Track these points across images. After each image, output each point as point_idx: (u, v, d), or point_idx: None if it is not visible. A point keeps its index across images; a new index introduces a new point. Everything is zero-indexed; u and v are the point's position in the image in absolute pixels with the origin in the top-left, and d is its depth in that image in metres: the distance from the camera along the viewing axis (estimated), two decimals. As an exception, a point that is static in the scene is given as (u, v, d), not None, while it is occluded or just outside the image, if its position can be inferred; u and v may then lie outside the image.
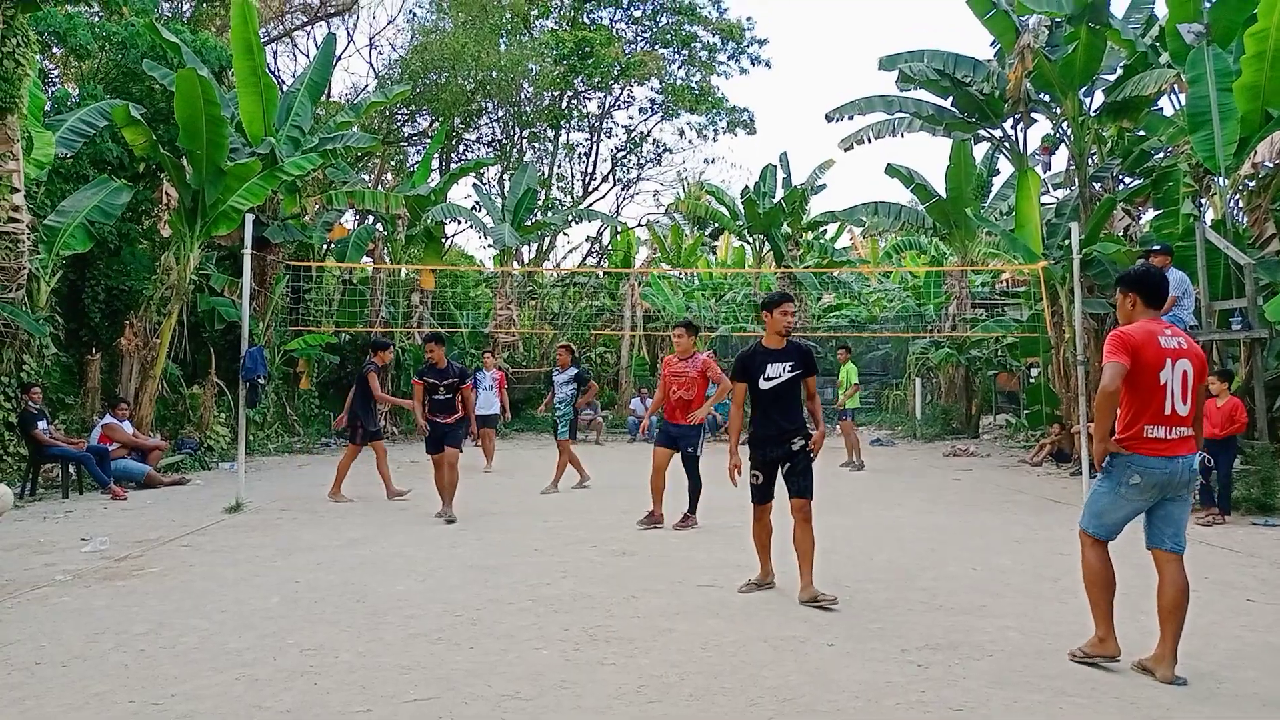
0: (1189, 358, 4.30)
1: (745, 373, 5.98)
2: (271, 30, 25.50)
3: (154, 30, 14.87)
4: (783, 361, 5.94)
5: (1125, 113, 14.30)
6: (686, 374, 8.45)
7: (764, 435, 5.94)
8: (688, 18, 31.12)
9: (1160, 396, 4.25)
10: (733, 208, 25.79)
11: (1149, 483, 4.30)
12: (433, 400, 9.20)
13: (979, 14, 15.30)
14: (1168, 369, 4.25)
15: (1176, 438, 4.28)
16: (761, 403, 5.93)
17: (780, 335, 6.00)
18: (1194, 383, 4.30)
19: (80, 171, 14.33)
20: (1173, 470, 4.27)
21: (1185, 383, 4.27)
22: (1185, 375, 4.28)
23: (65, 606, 5.75)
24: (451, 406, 9.25)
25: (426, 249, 21.53)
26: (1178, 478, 4.29)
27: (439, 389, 9.19)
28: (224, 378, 15.28)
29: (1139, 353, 4.25)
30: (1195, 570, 6.50)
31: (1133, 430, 4.30)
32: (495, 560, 7.08)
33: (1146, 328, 4.34)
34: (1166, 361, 4.26)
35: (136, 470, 11.71)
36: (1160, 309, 4.47)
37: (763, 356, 5.96)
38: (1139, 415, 4.29)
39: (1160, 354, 4.26)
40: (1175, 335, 4.35)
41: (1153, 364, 4.25)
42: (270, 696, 4.14)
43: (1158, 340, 4.28)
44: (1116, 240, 13.69)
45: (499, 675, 4.40)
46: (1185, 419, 4.29)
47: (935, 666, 4.48)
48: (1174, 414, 4.27)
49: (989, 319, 19.43)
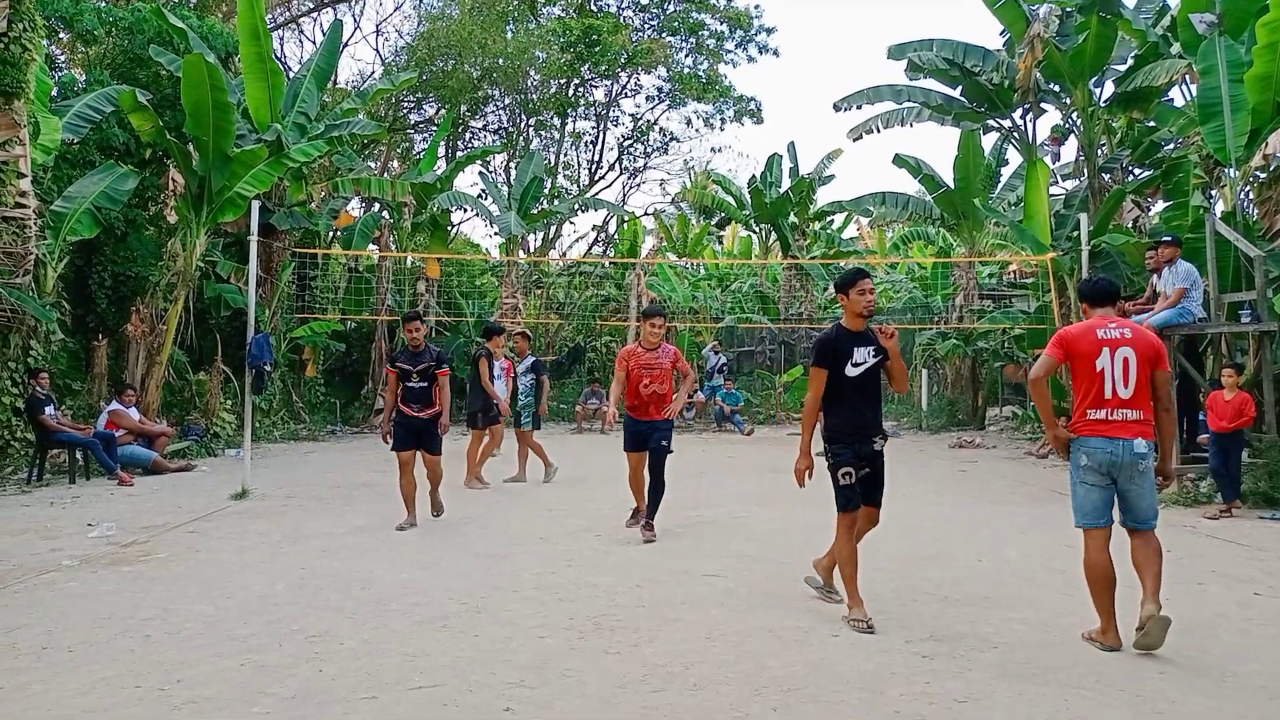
0: (1131, 345, 4.61)
1: (831, 358, 5.26)
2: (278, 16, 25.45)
3: (161, 16, 14.84)
4: (867, 345, 5.31)
5: (1135, 103, 14.23)
6: (659, 365, 7.59)
7: (854, 428, 5.27)
8: (695, 5, 30.98)
9: (1099, 382, 4.61)
10: (739, 197, 25.72)
11: (1094, 462, 4.62)
12: (405, 389, 8.11)
13: (989, 3, 15.21)
14: (1104, 356, 4.61)
15: (1119, 419, 4.59)
16: (846, 391, 5.26)
17: (860, 316, 5.33)
18: (1139, 368, 4.58)
19: (87, 157, 14.34)
20: (1114, 450, 4.56)
21: (1126, 368, 4.58)
22: (1126, 361, 4.59)
23: (72, 591, 5.78)
24: (426, 398, 8.10)
25: (432, 237, 21.52)
26: (1120, 458, 4.56)
27: (412, 375, 8.08)
28: (230, 364, 15.30)
29: (1073, 345, 4.70)
30: (1203, 563, 6.52)
31: (1078, 415, 4.71)
32: (500, 549, 7.09)
33: (1086, 324, 4.79)
34: (1104, 350, 4.62)
35: (143, 456, 11.74)
36: (1109, 307, 4.84)
37: (848, 340, 5.30)
38: (1082, 401, 4.69)
39: (1096, 344, 4.64)
40: (1120, 327, 4.69)
41: (1088, 353, 4.64)
42: (275, 682, 4.15)
43: (1095, 333, 4.68)
44: (1125, 232, 13.62)
45: (503, 663, 4.41)
46: (1128, 402, 4.58)
47: (940, 658, 4.48)
48: (1114, 397, 4.59)
49: (996, 310, 19.36)
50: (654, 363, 7.59)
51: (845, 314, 5.43)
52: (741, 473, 11.98)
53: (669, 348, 7.73)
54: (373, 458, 13.70)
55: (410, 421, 8.13)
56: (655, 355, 7.61)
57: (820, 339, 5.41)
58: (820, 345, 5.36)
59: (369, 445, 15.73)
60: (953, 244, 23.03)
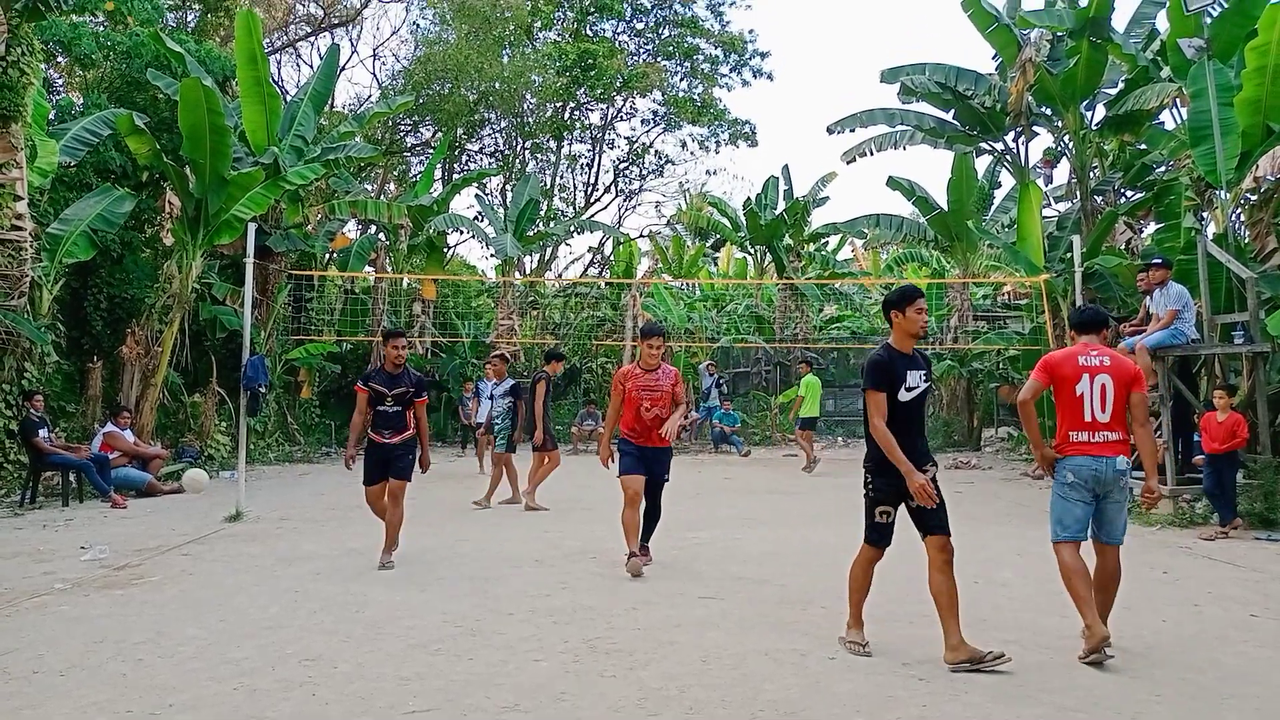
0: (1109, 373, 4.96)
1: (888, 381, 4.86)
2: (275, 41, 25.60)
3: (158, 40, 14.93)
4: (918, 369, 4.97)
5: (1127, 126, 14.34)
6: (660, 388, 7.08)
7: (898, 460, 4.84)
8: (690, 30, 31.23)
9: (1079, 406, 4.96)
10: (735, 219, 25.81)
11: (1080, 479, 4.95)
12: (376, 413, 7.41)
13: (981, 28, 15.36)
14: (1084, 382, 4.96)
15: (1100, 440, 4.93)
16: (897, 418, 4.87)
17: (913, 337, 4.99)
18: (1115, 393, 4.94)
19: (84, 180, 14.38)
20: (1098, 468, 4.91)
21: (1104, 394, 4.94)
22: (1104, 387, 4.94)
23: (64, 615, 5.74)
24: (399, 423, 7.41)
25: (429, 259, 21.56)
26: (1104, 475, 4.91)
27: (386, 399, 7.38)
28: (225, 386, 15.29)
29: (1056, 370, 5.04)
30: (1199, 585, 6.51)
31: (1061, 436, 5.05)
32: (495, 571, 7.06)
33: (1069, 350, 5.16)
34: (1083, 376, 4.96)
35: (137, 479, 11.71)
36: (1094, 335, 5.17)
37: (901, 363, 4.93)
38: (1064, 423, 5.03)
39: (1077, 370, 4.99)
40: (1100, 355, 5.03)
41: (1069, 378, 4.99)
42: (269, 707, 4.12)
43: (1077, 359, 5.02)
44: (1118, 253, 13.71)
45: (498, 687, 4.38)
46: (1107, 424, 4.93)
47: (937, 680, 4.46)
48: (1094, 420, 4.94)
49: (991, 331, 19.42)
50: (654, 384, 7.09)
51: (896, 334, 5.03)
52: (738, 494, 11.96)
53: (669, 369, 7.24)
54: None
55: (380, 450, 7.40)
56: (655, 377, 7.12)
57: (873, 361, 4.94)
58: (874, 368, 4.90)
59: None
60: (947, 266, 23.14)
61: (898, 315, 4.99)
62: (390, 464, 7.40)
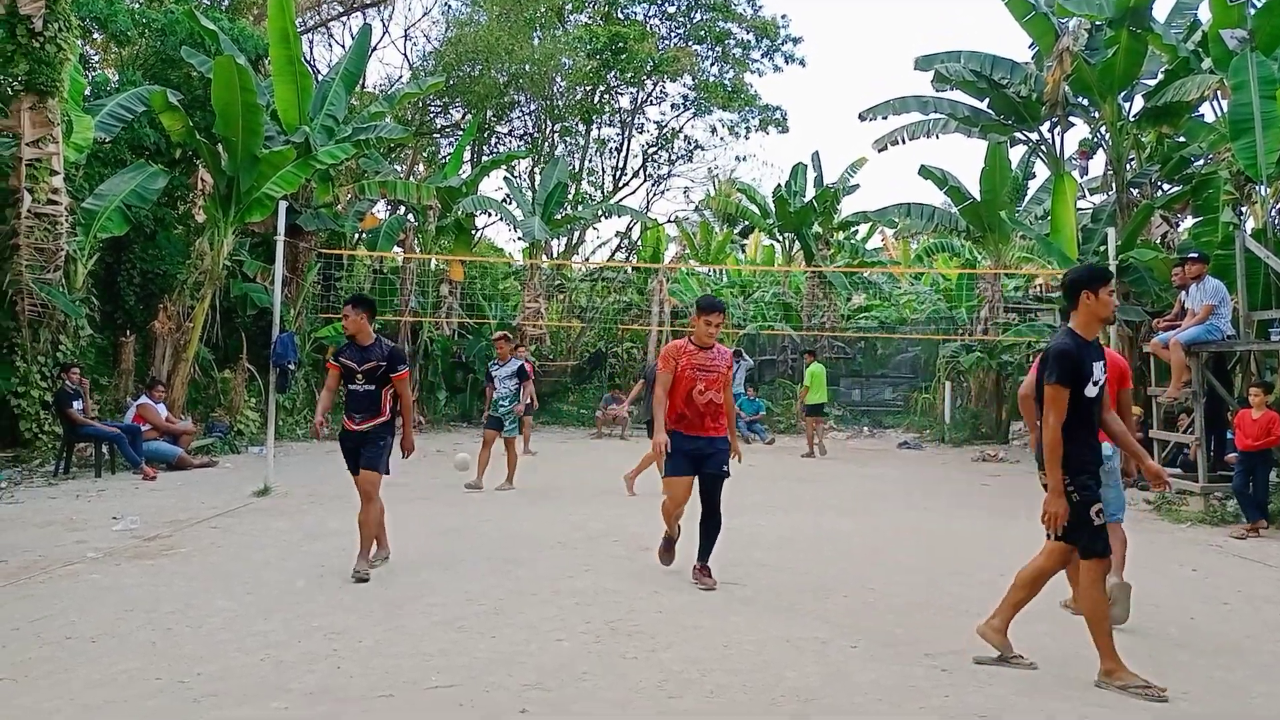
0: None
1: (1075, 374, 4.35)
2: (308, 20, 25.67)
3: (193, 18, 15.02)
4: (1100, 360, 4.47)
5: (1165, 118, 14.09)
6: (716, 369, 6.15)
7: (1090, 458, 4.43)
8: (722, 14, 30.95)
9: None
10: (764, 206, 25.69)
11: None
12: (348, 393, 6.38)
13: (1018, 16, 15.12)
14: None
15: None
16: (1082, 414, 4.37)
17: (1102, 324, 4.56)
18: (1109, 388, 4.90)
19: (118, 156, 14.52)
20: None
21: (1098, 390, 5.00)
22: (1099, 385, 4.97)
23: (96, 584, 5.84)
24: (372, 405, 6.30)
25: (456, 240, 21.62)
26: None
27: (356, 375, 6.31)
28: (255, 363, 15.42)
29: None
30: (1227, 584, 6.43)
31: None
32: (518, 553, 7.10)
33: None
34: None
35: (168, 452, 11.87)
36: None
37: (1086, 352, 4.39)
38: None
39: None
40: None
41: None
42: (294, 679, 4.17)
43: None
44: (1153, 247, 13.49)
45: (520, 665, 4.41)
46: None
47: (960, 672, 4.44)
48: None
49: (1021, 324, 19.21)
50: (709, 364, 6.14)
51: (1082, 318, 4.45)
52: (761, 481, 11.93)
53: (724, 350, 6.37)
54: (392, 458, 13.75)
55: (349, 438, 6.39)
56: (710, 356, 6.18)
57: (1060, 350, 4.35)
58: (1063, 358, 4.33)
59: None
60: (978, 256, 22.89)
61: (1089, 297, 4.43)
62: (360, 453, 6.35)
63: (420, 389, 20.03)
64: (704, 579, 6.03)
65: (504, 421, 10.70)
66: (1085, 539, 4.34)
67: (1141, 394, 13.58)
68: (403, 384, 6.44)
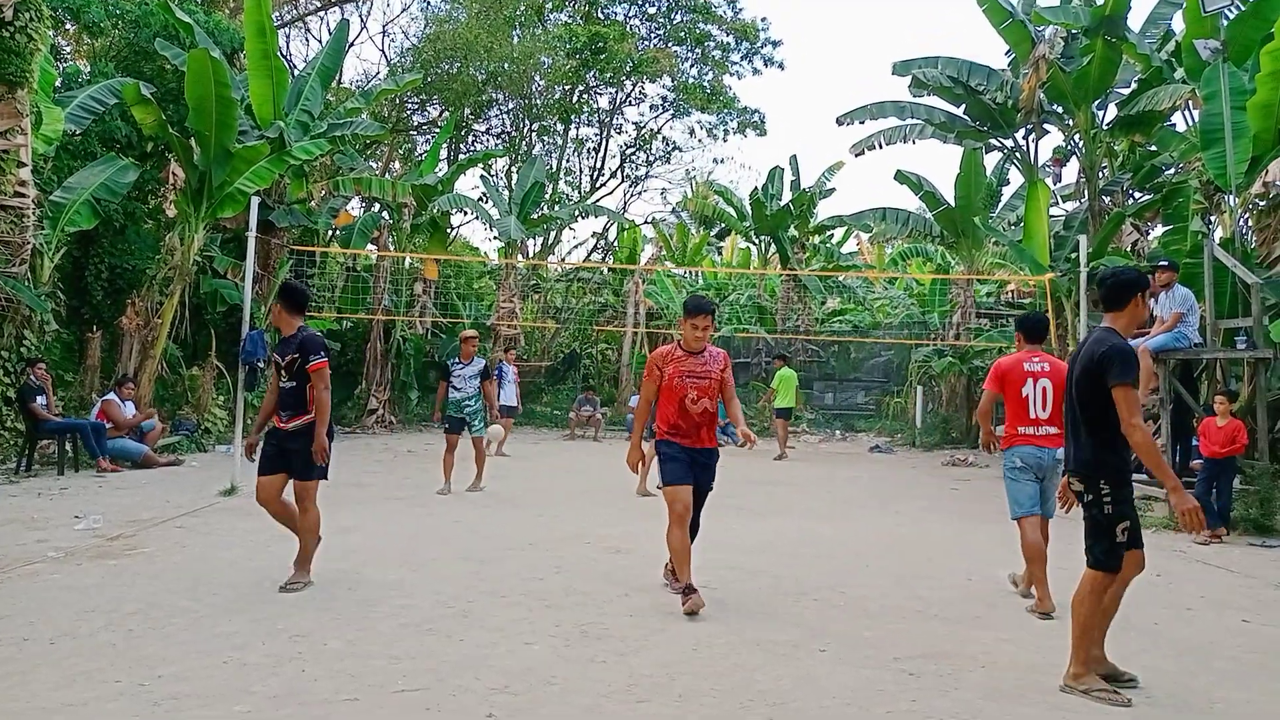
0: (1049, 377, 5.89)
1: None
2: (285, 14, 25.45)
3: (167, 10, 14.84)
4: None
5: (1138, 127, 14.27)
6: (708, 375, 5.77)
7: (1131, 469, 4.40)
8: (702, 16, 31.03)
9: (1025, 406, 5.90)
10: (740, 208, 25.74)
11: (1025, 463, 5.89)
12: (279, 390, 6.01)
13: (995, 22, 15.26)
14: (1029, 385, 5.90)
15: (1042, 434, 5.85)
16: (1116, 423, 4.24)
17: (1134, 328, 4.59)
18: (1054, 394, 5.82)
19: (88, 148, 14.32)
20: (1040, 456, 5.85)
21: (1045, 395, 5.88)
22: (1045, 390, 5.87)
23: (56, 584, 5.73)
24: (297, 403, 5.91)
25: (431, 238, 21.49)
26: (1044, 462, 5.85)
27: (281, 371, 5.96)
28: (224, 360, 15.26)
29: (1006, 375, 5.99)
30: (1192, 589, 6.50)
31: (1010, 429, 5.98)
32: (488, 553, 7.05)
33: (1017, 356, 6.05)
34: (1028, 380, 5.90)
35: (134, 450, 11.71)
36: (1038, 342, 6.10)
37: None
38: (1012, 419, 5.97)
39: (1024, 375, 5.93)
40: (1042, 361, 5.95)
41: (1017, 382, 5.93)
42: (257, 681, 4.11)
43: (1023, 365, 5.94)
44: (1124, 255, 13.66)
45: (488, 668, 4.37)
46: (1046, 421, 5.86)
47: (927, 676, 4.45)
48: (1036, 418, 5.89)
49: (993, 329, 19.38)
50: (701, 370, 5.75)
51: (1123, 321, 4.43)
52: (733, 484, 11.94)
53: (716, 351, 5.94)
54: (363, 458, 13.67)
55: (274, 437, 5.98)
56: (702, 360, 5.79)
57: (1125, 349, 4.22)
58: (1130, 357, 4.21)
59: (360, 445, 15.68)
60: (951, 262, 23.07)
61: (1139, 301, 4.42)
62: (288, 456, 5.91)
63: (392, 388, 19.89)
64: (694, 600, 5.48)
65: (470, 422, 10.45)
66: (1102, 553, 4.32)
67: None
68: (318, 375, 5.88)
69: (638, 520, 8.80)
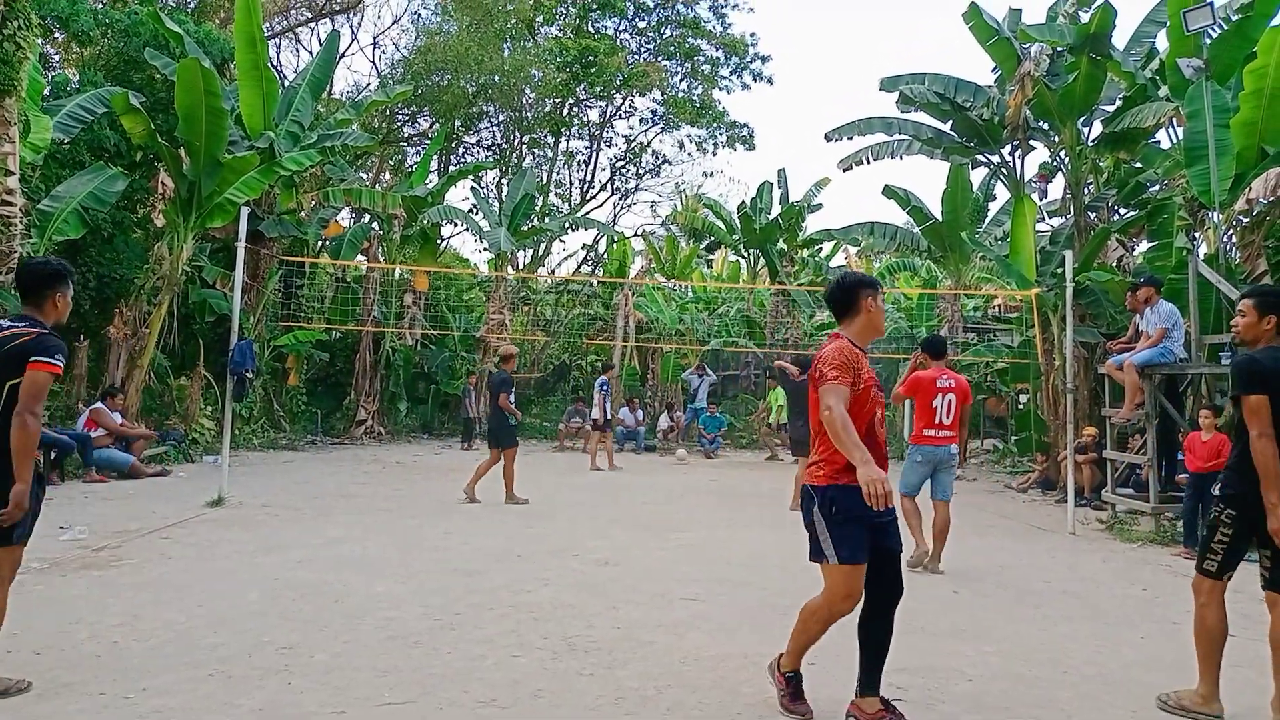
0: (953, 391, 7.47)
1: (1267, 383, 4.10)
2: (275, 25, 25.48)
3: (157, 19, 14.83)
4: None
5: (1123, 144, 14.38)
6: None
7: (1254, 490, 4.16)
8: (692, 31, 31.22)
9: (933, 414, 7.46)
10: (729, 222, 25.82)
11: (926, 459, 7.54)
12: None
13: (981, 40, 15.38)
14: (939, 399, 7.44)
15: (941, 436, 7.48)
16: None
17: None
18: (956, 405, 7.47)
19: (77, 157, 14.26)
20: (939, 453, 7.50)
21: (949, 406, 7.46)
22: (950, 402, 7.45)
23: (40, 595, 5.69)
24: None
25: (421, 250, 21.49)
26: (940, 456, 7.50)
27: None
28: (212, 370, 15.20)
29: (923, 386, 7.50)
30: (1177, 604, 6.52)
31: (918, 430, 7.58)
32: (477, 565, 7.04)
33: (932, 372, 7.53)
34: (939, 394, 7.45)
35: (121, 460, 11.64)
36: (942, 360, 7.65)
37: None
38: (920, 422, 7.55)
39: (935, 389, 7.45)
40: (949, 378, 7.51)
41: (929, 393, 7.46)
42: (243, 694, 4.09)
43: (936, 381, 7.48)
44: (1109, 270, 13.74)
45: (476, 681, 4.36)
46: (948, 426, 7.47)
47: (914, 690, 4.46)
48: (940, 423, 7.48)
49: (980, 343, 19.47)
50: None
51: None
52: (723, 496, 11.96)
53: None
54: (351, 469, 13.62)
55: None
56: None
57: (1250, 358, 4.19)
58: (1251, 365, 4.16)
59: (349, 456, 15.63)
60: (939, 276, 23.18)
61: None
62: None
63: (381, 399, 19.84)
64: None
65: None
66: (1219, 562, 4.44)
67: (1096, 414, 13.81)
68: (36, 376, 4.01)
69: (626, 533, 8.80)
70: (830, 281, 4.35)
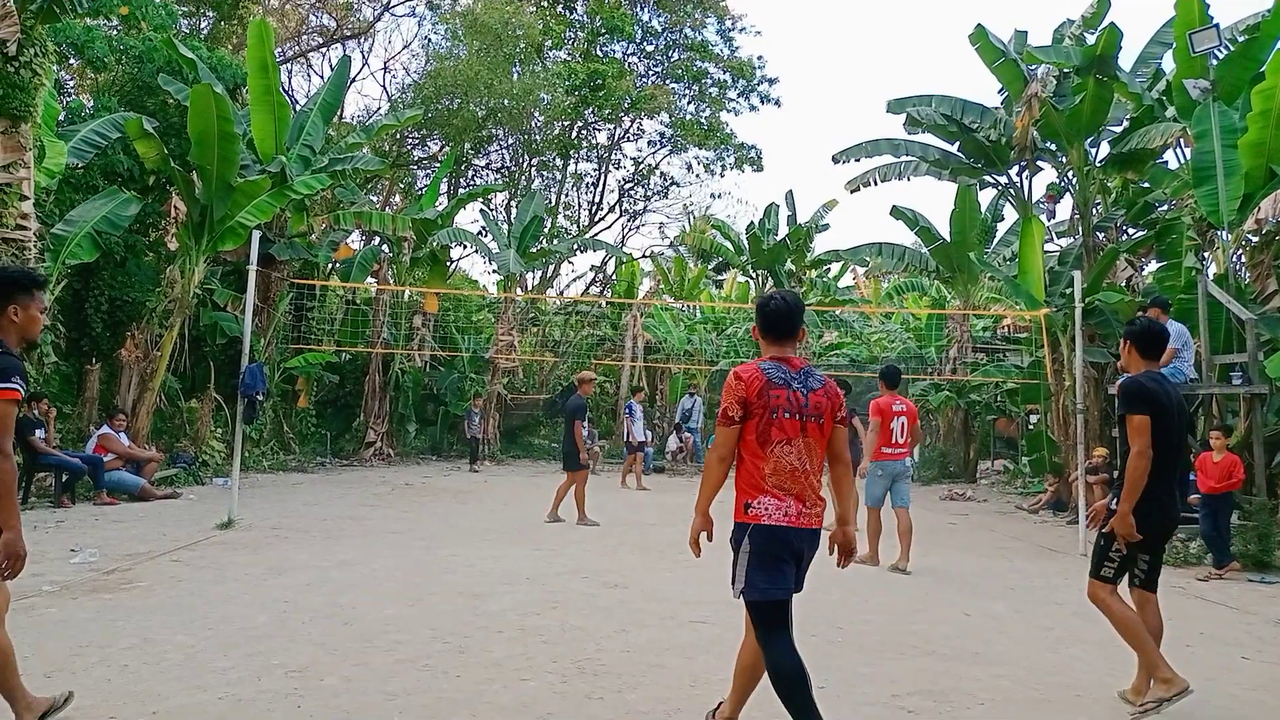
0: (905, 415, 8.65)
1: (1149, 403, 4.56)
2: (287, 51, 25.76)
3: (171, 45, 15.02)
4: None
5: (1130, 164, 14.41)
6: None
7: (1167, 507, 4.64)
8: (699, 54, 31.43)
9: (890, 433, 8.57)
10: (737, 242, 25.90)
11: (886, 473, 8.61)
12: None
13: (988, 62, 15.46)
14: (895, 421, 8.58)
15: (897, 453, 8.59)
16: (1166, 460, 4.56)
17: None
18: (908, 425, 8.64)
19: (90, 182, 14.41)
20: (897, 466, 8.59)
21: (903, 427, 8.60)
22: (903, 424, 8.61)
23: (50, 618, 5.71)
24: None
25: (431, 272, 21.61)
26: (897, 470, 8.60)
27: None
28: (222, 393, 15.27)
29: (884, 411, 8.59)
30: (1191, 626, 6.48)
31: (877, 449, 8.58)
32: (486, 588, 7.03)
33: (888, 400, 8.65)
34: (896, 417, 8.59)
35: (130, 483, 11.68)
36: (896, 388, 8.85)
37: None
38: (880, 441, 8.56)
39: (892, 412, 8.59)
40: (901, 403, 8.70)
41: (888, 416, 8.59)
42: (252, 717, 4.09)
43: (893, 406, 8.63)
44: (1118, 290, 13.74)
45: (485, 704, 4.35)
46: (901, 444, 8.61)
47: (925, 713, 4.44)
48: (896, 442, 8.59)
49: (989, 363, 19.44)
50: None
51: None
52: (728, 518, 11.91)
53: None
54: (360, 491, 13.63)
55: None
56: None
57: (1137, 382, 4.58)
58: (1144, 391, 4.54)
59: (358, 478, 15.65)
60: (947, 296, 23.18)
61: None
62: None
63: (390, 421, 19.89)
64: None
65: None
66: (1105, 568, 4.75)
67: (1107, 435, 13.75)
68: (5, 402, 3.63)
69: (634, 555, 8.78)
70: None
